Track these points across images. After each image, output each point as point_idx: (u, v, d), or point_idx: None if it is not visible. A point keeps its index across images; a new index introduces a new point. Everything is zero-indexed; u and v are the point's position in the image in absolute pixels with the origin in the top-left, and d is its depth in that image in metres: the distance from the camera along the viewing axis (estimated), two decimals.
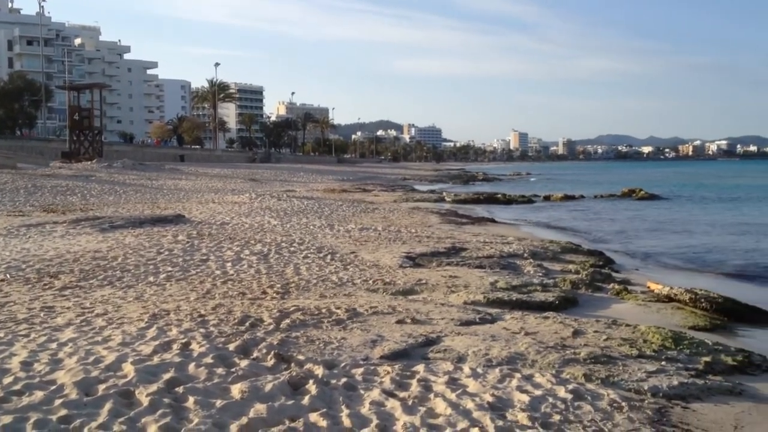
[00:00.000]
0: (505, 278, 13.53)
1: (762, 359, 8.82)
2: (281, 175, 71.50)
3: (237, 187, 46.30)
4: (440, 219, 28.13)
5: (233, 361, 7.42)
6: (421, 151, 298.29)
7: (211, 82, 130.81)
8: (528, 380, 7.42)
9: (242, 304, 10.44)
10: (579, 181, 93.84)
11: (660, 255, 21.01)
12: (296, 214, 27.27)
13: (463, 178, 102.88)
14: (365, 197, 42.54)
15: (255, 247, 16.76)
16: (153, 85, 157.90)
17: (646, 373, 7.80)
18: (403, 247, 17.91)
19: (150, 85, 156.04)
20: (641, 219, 34.80)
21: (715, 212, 39.66)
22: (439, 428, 5.97)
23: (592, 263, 16.73)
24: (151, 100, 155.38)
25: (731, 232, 28.03)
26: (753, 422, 6.73)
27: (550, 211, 39.58)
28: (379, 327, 9.39)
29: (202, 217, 24.33)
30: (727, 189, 69.05)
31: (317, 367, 7.31)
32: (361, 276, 13.52)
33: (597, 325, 10.01)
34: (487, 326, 9.84)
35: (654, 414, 6.68)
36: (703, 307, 11.73)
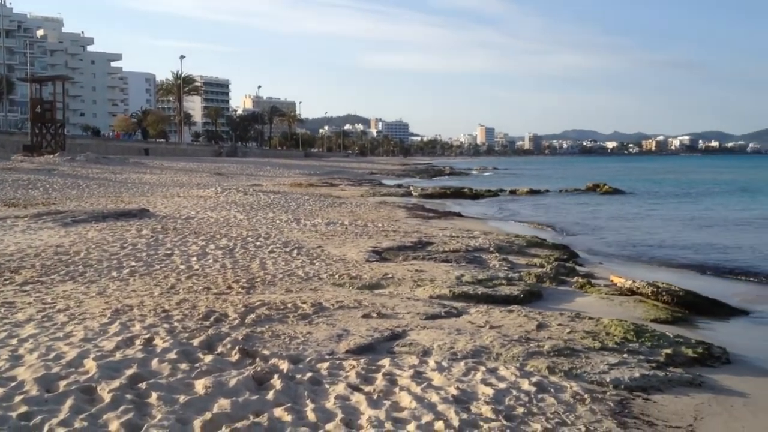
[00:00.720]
0: (471, 272, 13.60)
1: (722, 351, 8.98)
2: (247, 169, 71.06)
3: (203, 181, 45.93)
4: (407, 213, 28.18)
5: (197, 356, 7.37)
6: (389, 145, 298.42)
7: (176, 74, 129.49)
8: (492, 373, 7.47)
9: (207, 299, 10.37)
10: (545, 176, 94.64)
11: (623, 249, 21.27)
12: (262, 208, 27.13)
13: (430, 172, 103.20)
14: (332, 191, 42.46)
15: (220, 242, 16.65)
16: (117, 77, 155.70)
17: (609, 366, 7.91)
18: (369, 241, 17.92)
19: (114, 77, 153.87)
20: (605, 213, 35.20)
21: (676, 207, 40.25)
22: (404, 422, 5.99)
23: (557, 257, 16.90)
24: (114, 93, 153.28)
25: (692, 227, 28.46)
26: (713, 413, 6.85)
27: (516, 206, 39.84)
28: (345, 321, 9.39)
29: (166, 211, 24.10)
30: (688, 184, 70.11)
31: (282, 361, 7.29)
32: (328, 270, 13.51)
33: (561, 318, 10.12)
34: (453, 320, 9.89)
35: (616, 406, 6.77)
36: (664, 300, 11.90)
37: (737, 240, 23.43)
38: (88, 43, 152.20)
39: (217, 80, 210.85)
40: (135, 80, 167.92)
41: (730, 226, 28.91)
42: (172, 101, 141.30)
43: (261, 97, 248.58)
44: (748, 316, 11.79)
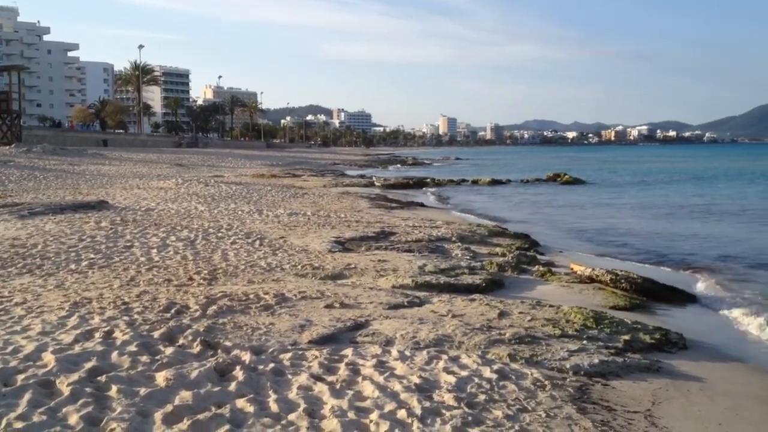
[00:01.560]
0: (434, 262, 13.67)
1: (679, 337, 9.16)
2: (209, 160, 70.38)
3: (163, 173, 45.40)
4: (370, 204, 28.18)
5: (158, 348, 7.30)
6: (351, 136, 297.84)
7: (134, 64, 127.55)
8: (455, 361, 7.53)
9: (168, 291, 10.28)
10: (506, 166, 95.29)
11: (583, 237, 21.56)
12: (224, 199, 26.91)
13: (393, 162, 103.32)
14: (295, 182, 42.28)
15: (181, 233, 16.49)
16: (74, 67, 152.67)
17: (569, 352, 8.02)
18: (332, 231, 17.89)
19: (71, 67, 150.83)
20: (565, 202, 35.61)
21: (634, 195, 40.85)
22: (367, 411, 6.01)
23: (518, 246, 17.05)
24: (72, 83, 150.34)
25: (649, 215, 28.93)
26: (670, 398, 6.99)
27: (479, 195, 40.09)
28: (308, 312, 9.38)
29: (126, 203, 23.78)
30: (646, 173, 71.16)
31: (244, 353, 7.26)
32: (290, 261, 13.46)
33: (522, 306, 10.22)
34: (415, 309, 9.93)
35: (575, 392, 6.87)
36: (623, 287, 12.09)
37: (692, 228, 23.89)
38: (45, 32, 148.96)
39: (176, 70, 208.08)
40: (93, 70, 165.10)
41: (684, 213, 29.46)
42: (131, 91, 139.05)
43: (222, 88, 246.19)
44: (704, 302, 12.04)
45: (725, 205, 33.59)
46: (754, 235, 21.86)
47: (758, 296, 12.56)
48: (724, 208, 31.64)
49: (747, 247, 19.02)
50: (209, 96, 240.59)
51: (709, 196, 39.89)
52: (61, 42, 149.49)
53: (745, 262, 16.41)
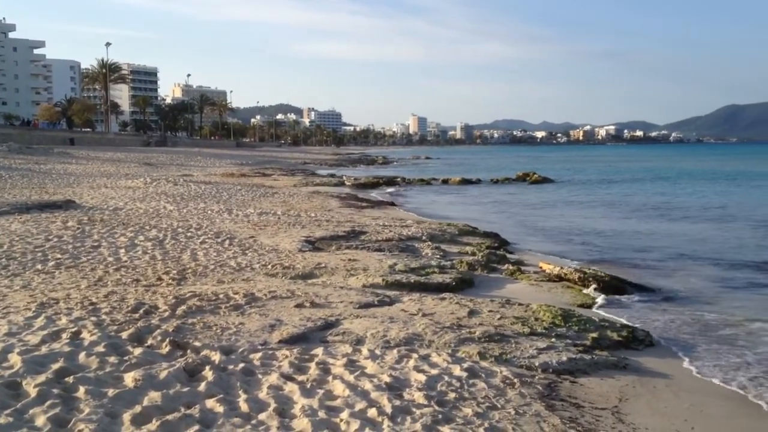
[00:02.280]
0: (404, 261, 13.70)
1: (645, 334, 9.31)
2: (178, 159, 69.80)
3: (131, 172, 44.94)
4: (340, 203, 28.16)
5: (126, 349, 7.24)
6: (322, 135, 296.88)
7: (102, 62, 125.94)
8: (425, 360, 7.57)
9: (136, 291, 10.19)
10: (477, 165, 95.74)
11: (552, 235, 21.74)
12: (193, 198, 26.72)
13: (364, 161, 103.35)
14: (265, 182, 42.08)
15: (150, 233, 16.35)
16: (40, 65, 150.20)
17: (537, 350, 8.10)
18: (302, 231, 17.85)
19: (37, 65, 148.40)
20: (534, 201, 35.89)
21: (602, 195, 41.25)
22: (337, 410, 6.02)
23: (488, 245, 17.15)
24: (38, 81, 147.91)
25: (616, 214, 29.27)
26: (636, 394, 7.09)
27: (449, 194, 40.23)
28: (278, 311, 9.36)
29: (93, 202, 23.51)
30: (614, 172, 71.92)
31: (214, 353, 7.23)
32: (260, 261, 13.41)
33: (492, 304, 10.29)
34: (386, 308, 9.96)
35: (544, 389, 6.95)
36: (591, 285, 12.21)
37: (655, 226, 24.22)
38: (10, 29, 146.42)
39: (144, 68, 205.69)
40: (59, 68, 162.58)
41: (646, 212, 29.84)
42: (99, 90, 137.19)
43: (191, 86, 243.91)
44: (670, 298, 12.20)
45: (686, 204, 34.06)
46: (714, 234, 22.20)
47: (718, 293, 12.78)
48: (684, 208, 32.08)
49: (708, 246, 19.32)
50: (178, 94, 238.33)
51: (670, 194, 40.54)
52: (26, 39, 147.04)
53: (705, 260, 16.66)
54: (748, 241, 20.46)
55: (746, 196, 39.34)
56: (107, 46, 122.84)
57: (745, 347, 9.28)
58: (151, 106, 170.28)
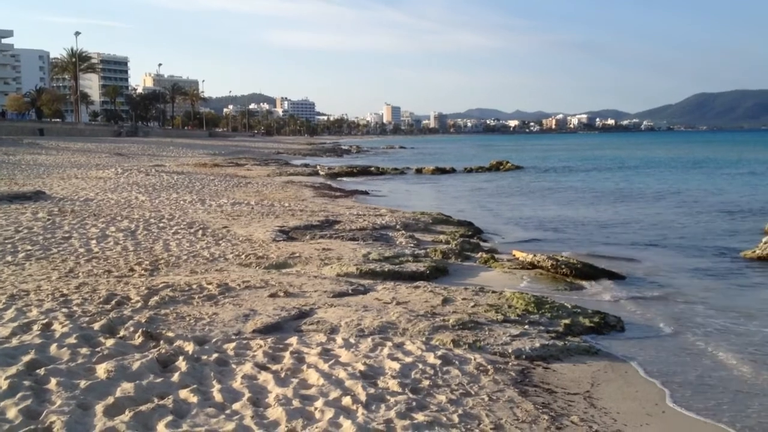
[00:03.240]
0: (378, 250, 13.71)
1: (617, 320, 9.41)
2: (149, 149, 69.18)
3: (102, 162, 44.47)
4: (314, 192, 28.11)
5: (98, 340, 7.18)
6: (295, 124, 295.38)
7: (71, 51, 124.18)
8: (399, 348, 7.59)
9: (108, 283, 10.10)
10: (450, 154, 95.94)
11: (525, 224, 21.86)
12: (166, 189, 26.52)
13: (337, 151, 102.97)
14: (238, 171, 41.87)
15: (122, 224, 16.21)
16: (8, 55, 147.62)
17: (511, 337, 8.16)
18: (276, 221, 17.80)
19: (5, 55, 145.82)
20: (508, 190, 36.05)
21: (574, 183, 41.53)
22: (312, 398, 6.02)
23: (462, 233, 17.22)
24: (6, 71, 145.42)
25: (590, 201, 29.49)
26: (608, 379, 7.18)
27: (423, 184, 40.29)
28: (252, 301, 9.34)
29: (64, 193, 23.25)
30: (586, 160, 72.45)
31: (187, 343, 7.20)
32: (234, 251, 13.36)
33: (465, 292, 10.34)
34: (360, 297, 9.98)
35: (517, 375, 7.00)
36: (563, 272, 12.34)
37: (630, 213, 24.43)
38: None
39: (114, 58, 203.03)
40: (28, 58, 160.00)
41: (621, 199, 30.09)
42: (68, 80, 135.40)
43: (162, 75, 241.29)
44: (640, 284, 12.33)
45: (656, 191, 34.41)
46: (683, 220, 22.46)
47: (688, 278, 12.96)
48: (654, 195, 32.41)
49: (678, 232, 19.54)
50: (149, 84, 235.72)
51: (640, 182, 40.95)
52: None
53: (676, 246, 16.86)
54: (715, 227, 20.73)
55: (713, 183, 39.82)
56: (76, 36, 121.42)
57: (713, 331, 9.41)
58: (121, 96, 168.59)
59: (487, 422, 5.74)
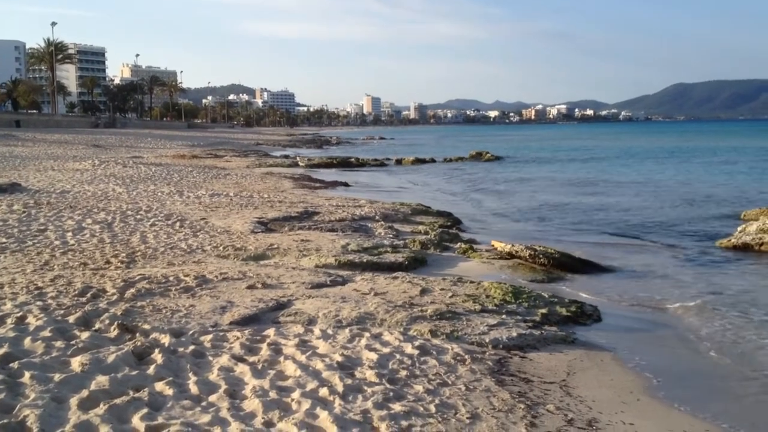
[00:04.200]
0: (357, 241, 13.70)
1: (593, 309, 9.48)
2: (127, 140, 68.59)
3: (79, 154, 44.05)
4: (293, 184, 28.02)
5: (73, 333, 7.13)
6: (275, 115, 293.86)
7: (47, 42, 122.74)
8: (377, 339, 7.60)
9: (83, 275, 10.02)
10: (430, 145, 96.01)
11: (504, 214, 21.96)
12: (143, 181, 26.33)
13: (317, 142, 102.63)
14: (217, 163, 41.63)
15: (98, 216, 16.07)
16: None
17: (488, 327, 8.19)
18: (255, 212, 17.73)
19: None
20: (488, 180, 36.15)
21: (554, 173, 41.75)
22: (289, 390, 6.01)
23: (441, 224, 17.25)
24: None
25: (568, 191, 29.65)
26: (584, 368, 7.22)
27: (402, 174, 40.28)
28: (229, 293, 9.30)
29: (40, 185, 23.00)
30: (565, 151, 72.81)
31: (164, 335, 7.15)
32: (212, 242, 13.29)
33: (444, 283, 10.36)
34: (338, 288, 9.96)
35: (494, 365, 7.03)
36: (541, 262, 12.39)
37: (608, 203, 24.59)
38: None
39: (92, 48, 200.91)
40: (3, 48, 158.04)
41: (599, 189, 30.29)
42: (45, 70, 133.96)
43: (140, 66, 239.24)
44: (617, 274, 12.43)
45: (633, 180, 34.66)
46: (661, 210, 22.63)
47: (664, 267, 13.07)
48: (631, 184, 32.64)
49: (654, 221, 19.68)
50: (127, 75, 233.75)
51: (616, 172, 41.31)
52: None
53: (653, 236, 16.99)
54: (691, 216, 20.90)
55: (689, 172, 40.14)
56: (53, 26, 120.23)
57: (690, 321, 9.51)
58: (99, 87, 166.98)
59: (464, 411, 5.76)
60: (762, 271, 13.03)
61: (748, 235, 15.09)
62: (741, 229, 15.53)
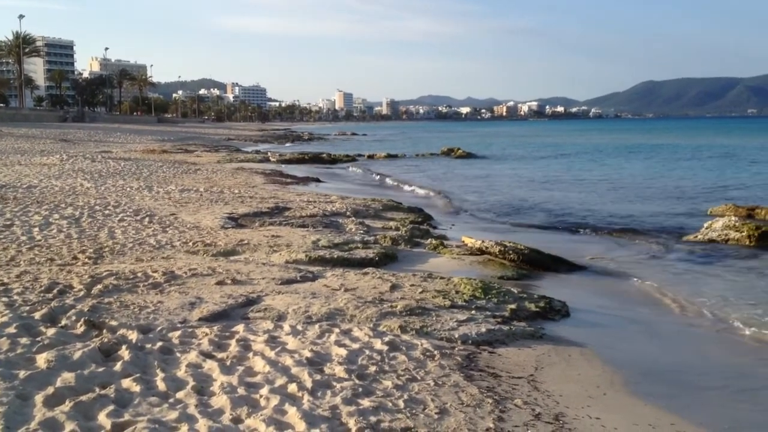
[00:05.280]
0: (328, 236, 13.68)
1: (562, 305, 9.55)
2: (96, 135, 67.81)
3: (46, 148, 43.45)
4: (265, 179, 27.89)
5: (39, 330, 7.04)
6: (246, 110, 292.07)
7: (15, 35, 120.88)
8: (346, 335, 7.60)
9: (50, 271, 9.90)
10: (402, 141, 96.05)
11: (474, 210, 22.04)
12: (112, 175, 26.05)
13: (289, 138, 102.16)
14: (187, 158, 41.28)
15: (66, 211, 15.88)
16: None
17: (458, 322, 8.23)
18: (225, 207, 17.63)
19: None
20: (458, 176, 36.25)
21: (524, 169, 42.01)
22: (257, 386, 6.00)
23: (412, 220, 17.28)
24: None
25: (537, 188, 29.86)
26: (552, 363, 7.29)
27: (374, 170, 40.26)
28: (198, 289, 9.25)
29: (6, 180, 22.67)
30: (536, 147, 73.34)
31: (131, 332, 7.09)
32: (181, 238, 13.19)
33: (414, 279, 10.39)
34: (308, 284, 9.95)
35: (463, 360, 7.07)
36: (511, 258, 12.46)
37: (578, 199, 24.82)
38: None
39: (60, 41, 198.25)
40: None
41: (568, 187, 30.53)
42: (12, 64, 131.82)
43: (109, 60, 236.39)
44: (585, 270, 12.55)
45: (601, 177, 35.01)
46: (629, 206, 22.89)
47: (633, 263, 13.23)
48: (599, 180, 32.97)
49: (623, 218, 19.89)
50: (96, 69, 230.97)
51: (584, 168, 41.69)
52: None
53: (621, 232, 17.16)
54: (659, 211, 21.16)
55: (657, 168, 40.61)
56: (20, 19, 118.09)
57: (658, 316, 9.64)
58: (67, 81, 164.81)
59: (433, 407, 5.79)
60: (728, 265, 13.22)
61: (714, 231, 15.33)
62: (707, 225, 15.77)
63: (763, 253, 14.21)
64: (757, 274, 12.47)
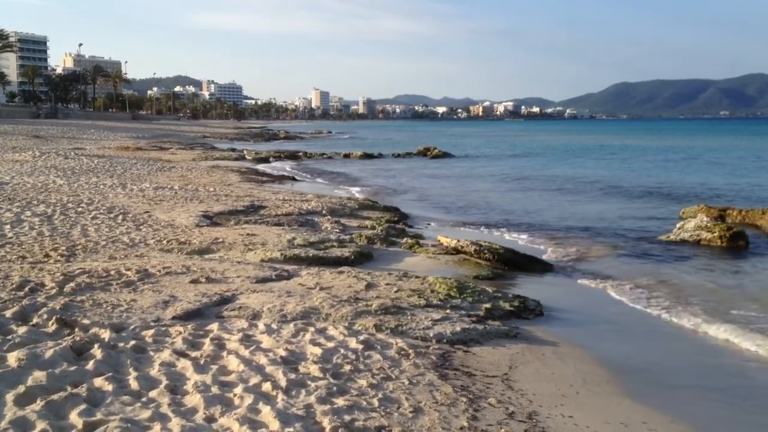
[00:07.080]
0: (303, 235, 13.66)
1: (536, 304, 9.61)
2: (69, 131, 67.06)
3: (19, 145, 42.90)
4: (240, 177, 27.77)
5: (10, 328, 6.95)
6: (222, 108, 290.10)
7: None
8: (321, 333, 7.59)
9: (21, 269, 9.78)
10: (379, 140, 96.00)
11: (451, 209, 22.10)
12: (85, 173, 25.79)
13: (265, 136, 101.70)
14: (162, 155, 40.98)
15: (38, 208, 15.69)
16: None
17: (432, 321, 8.25)
18: (200, 206, 17.52)
19: None
20: (435, 176, 36.33)
21: (500, 168, 42.20)
22: (231, 385, 5.97)
23: (388, 219, 17.29)
24: None
25: (513, 188, 30.01)
26: (526, 361, 7.33)
27: (350, 169, 40.25)
28: (173, 287, 9.18)
29: None
30: (512, 147, 73.71)
31: (104, 330, 7.03)
32: (155, 236, 13.09)
33: (389, 278, 10.40)
34: (284, 283, 9.93)
35: (438, 359, 7.09)
36: (486, 257, 12.51)
37: (552, 199, 24.98)
38: None
39: (33, 37, 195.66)
40: None
41: (544, 185, 30.72)
42: None
43: (83, 56, 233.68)
44: (560, 270, 12.63)
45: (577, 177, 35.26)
46: (604, 207, 23.07)
47: (607, 263, 13.34)
48: (575, 181, 33.21)
49: (597, 218, 20.05)
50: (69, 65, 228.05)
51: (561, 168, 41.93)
52: None
53: (595, 231, 17.30)
54: (633, 212, 21.35)
55: (630, 169, 40.96)
56: None
57: (631, 315, 9.73)
58: (40, 77, 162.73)
59: (407, 405, 5.80)
60: (701, 265, 13.37)
61: (686, 231, 15.50)
62: (680, 226, 15.95)
63: (734, 254, 14.41)
64: (729, 274, 12.64)
